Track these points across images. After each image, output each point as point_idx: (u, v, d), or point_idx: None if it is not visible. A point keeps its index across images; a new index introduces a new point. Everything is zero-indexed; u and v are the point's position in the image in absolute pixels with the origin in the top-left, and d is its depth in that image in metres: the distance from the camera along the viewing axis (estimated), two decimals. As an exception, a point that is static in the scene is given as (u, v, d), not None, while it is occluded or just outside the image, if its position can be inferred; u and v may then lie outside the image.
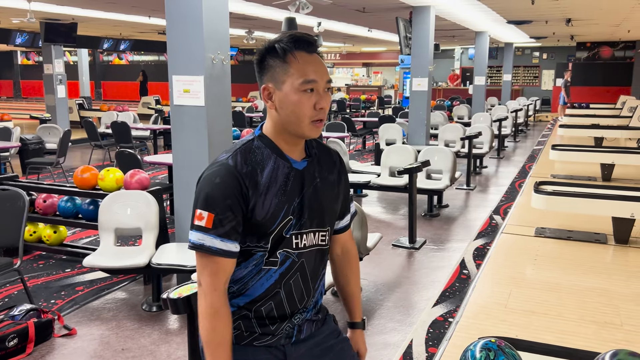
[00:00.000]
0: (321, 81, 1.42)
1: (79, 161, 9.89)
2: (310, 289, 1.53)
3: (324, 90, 1.43)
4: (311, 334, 1.56)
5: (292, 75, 1.40)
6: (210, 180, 1.41)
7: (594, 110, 14.14)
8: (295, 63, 1.40)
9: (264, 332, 1.49)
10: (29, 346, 3.21)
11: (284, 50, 1.41)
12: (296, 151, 1.49)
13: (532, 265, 4.18)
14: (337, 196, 1.59)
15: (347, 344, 1.66)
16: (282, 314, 1.50)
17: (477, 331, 3.06)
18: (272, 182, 1.43)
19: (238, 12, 10.12)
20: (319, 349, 1.58)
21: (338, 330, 1.66)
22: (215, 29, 3.83)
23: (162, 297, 2.18)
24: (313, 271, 1.53)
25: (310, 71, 1.41)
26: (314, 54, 1.44)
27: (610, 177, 7.02)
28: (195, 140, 3.90)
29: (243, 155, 1.43)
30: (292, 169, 1.47)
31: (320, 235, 1.53)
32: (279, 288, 1.47)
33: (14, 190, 3.80)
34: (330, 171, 1.57)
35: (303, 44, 1.41)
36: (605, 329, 3.11)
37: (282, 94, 1.41)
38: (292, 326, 1.51)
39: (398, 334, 3.46)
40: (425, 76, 8.96)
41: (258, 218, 1.41)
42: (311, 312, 1.56)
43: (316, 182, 1.51)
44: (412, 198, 5.12)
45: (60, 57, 12.49)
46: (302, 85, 1.40)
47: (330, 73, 9.07)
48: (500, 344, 1.69)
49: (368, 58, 27.15)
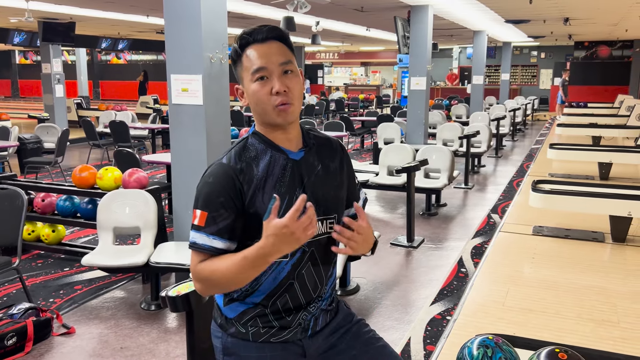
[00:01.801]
0: (272, 65, 1.43)
1: (77, 160, 9.89)
2: (323, 277, 1.55)
3: (280, 73, 1.43)
4: (326, 324, 1.58)
5: (246, 70, 1.45)
6: (205, 180, 1.46)
7: (592, 109, 14.15)
8: (245, 58, 1.45)
9: (281, 326, 1.50)
10: (28, 345, 3.21)
11: (236, 50, 1.47)
12: (292, 142, 1.50)
13: (529, 263, 4.19)
14: (342, 184, 1.59)
15: (362, 324, 1.67)
16: (297, 304, 1.51)
17: (475, 329, 3.07)
18: (268, 175, 1.44)
19: (236, 11, 10.12)
20: (335, 336, 1.60)
21: (352, 313, 1.68)
22: (213, 28, 3.83)
23: (161, 294, 2.19)
24: (324, 259, 1.54)
25: (257, 60, 1.43)
26: (269, 42, 1.45)
27: (608, 175, 7.04)
28: (193, 139, 3.90)
29: (237, 153, 1.46)
30: (288, 160, 1.48)
31: (329, 222, 1.53)
32: (292, 279, 1.48)
33: (13, 189, 3.80)
34: (332, 159, 1.57)
35: (253, 36, 1.45)
36: (603, 327, 3.12)
37: (246, 90, 1.47)
38: (308, 316, 1.52)
39: (396, 332, 3.47)
40: (423, 75, 8.96)
41: (260, 212, 1.41)
42: (326, 301, 1.57)
43: (317, 171, 1.51)
44: (410, 197, 5.13)
45: (59, 57, 12.48)
46: (253, 75, 1.43)
47: (329, 72, 9.09)
48: (497, 340, 1.70)
49: (366, 57, 27.15)
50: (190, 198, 1.48)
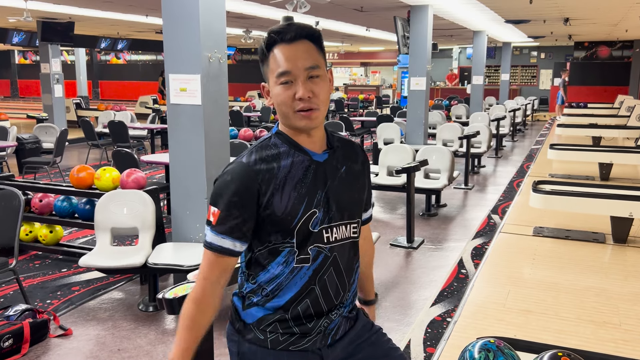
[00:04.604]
0: (297, 70, 1.38)
1: (76, 161, 9.87)
2: (346, 283, 1.51)
3: (305, 78, 1.39)
4: (346, 332, 1.55)
5: (272, 71, 1.41)
6: (223, 178, 1.42)
7: (592, 109, 14.15)
8: (272, 58, 1.41)
9: (302, 333, 1.46)
10: (24, 347, 3.19)
11: (262, 49, 1.42)
12: (316, 143, 1.47)
13: (530, 264, 4.17)
14: (363, 187, 1.57)
15: (380, 334, 1.64)
16: (318, 310, 1.47)
17: (475, 331, 3.05)
18: (289, 175, 1.41)
19: (235, 11, 10.10)
20: (353, 345, 1.56)
21: (370, 322, 1.65)
22: (212, 27, 3.81)
23: (158, 297, 2.16)
24: (347, 265, 1.50)
25: (284, 62, 1.39)
26: (295, 42, 1.39)
27: (609, 176, 7.03)
28: (192, 139, 3.88)
29: (259, 152, 1.43)
30: (312, 162, 1.44)
31: (352, 227, 1.51)
32: (313, 285, 1.45)
33: (10, 190, 3.77)
34: (355, 162, 1.55)
35: (281, 35, 1.40)
36: (604, 329, 3.10)
37: (271, 90, 1.43)
38: (329, 323, 1.49)
39: (396, 334, 3.45)
40: (423, 75, 8.95)
41: (278, 213, 1.39)
42: (347, 308, 1.54)
43: (340, 174, 1.49)
44: (410, 197, 5.11)
45: (58, 57, 12.46)
46: (278, 78, 1.39)
47: (328, 72, 8.88)
48: (499, 344, 1.68)
49: (366, 57, 27.13)
50: (189, 198, 1.46)
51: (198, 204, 3.90)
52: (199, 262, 1.47)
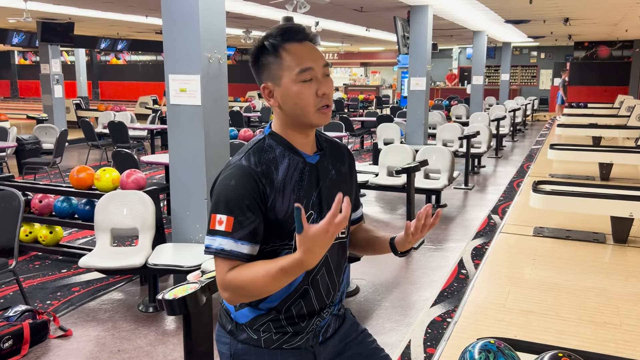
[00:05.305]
0: (317, 67, 1.39)
1: (76, 161, 9.86)
2: (336, 283, 1.53)
3: (322, 75, 1.41)
4: (336, 330, 1.58)
5: (288, 68, 1.38)
6: (225, 183, 1.38)
7: (592, 109, 14.15)
8: (287, 55, 1.38)
9: (294, 332, 1.47)
10: (24, 348, 3.18)
11: (274, 46, 1.39)
12: (308, 145, 1.47)
13: (530, 264, 4.16)
14: (352, 187, 1.59)
15: (366, 334, 1.67)
16: (311, 310, 1.48)
17: (476, 331, 3.04)
18: (287, 179, 1.41)
19: (235, 11, 10.10)
20: (342, 344, 1.60)
21: (357, 322, 1.68)
22: (211, 28, 3.81)
23: (158, 298, 2.16)
24: (337, 264, 1.52)
25: (304, 59, 1.38)
26: (305, 42, 1.41)
27: (609, 176, 7.02)
28: (192, 139, 3.87)
29: (256, 155, 1.41)
30: (306, 164, 1.45)
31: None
32: (306, 285, 1.46)
33: (9, 191, 3.77)
34: (342, 163, 1.56)
35: (292, 34, 1.40)
36: (604, 329, 3.09)
37: (282, 89, 1.40)
38: (321, 321, 1.51)
39: (396, 335, 3.44)
40: (423, 76, 8.95)
41: (279, 217, 1.38)
42: (337, 307, 1.57)
43: (331, 175, 1.50)
44: (410, 198, 5.11)
45: (57, 57, 12.45)
46: (299, 75, 1.38)
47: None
48: (499, 345, 1.68)
49: (366, 58, 27.13)
50: (189, 199, 1.45)
51: (198, 204, 3.90)
52: (199, 263, 1.46)
